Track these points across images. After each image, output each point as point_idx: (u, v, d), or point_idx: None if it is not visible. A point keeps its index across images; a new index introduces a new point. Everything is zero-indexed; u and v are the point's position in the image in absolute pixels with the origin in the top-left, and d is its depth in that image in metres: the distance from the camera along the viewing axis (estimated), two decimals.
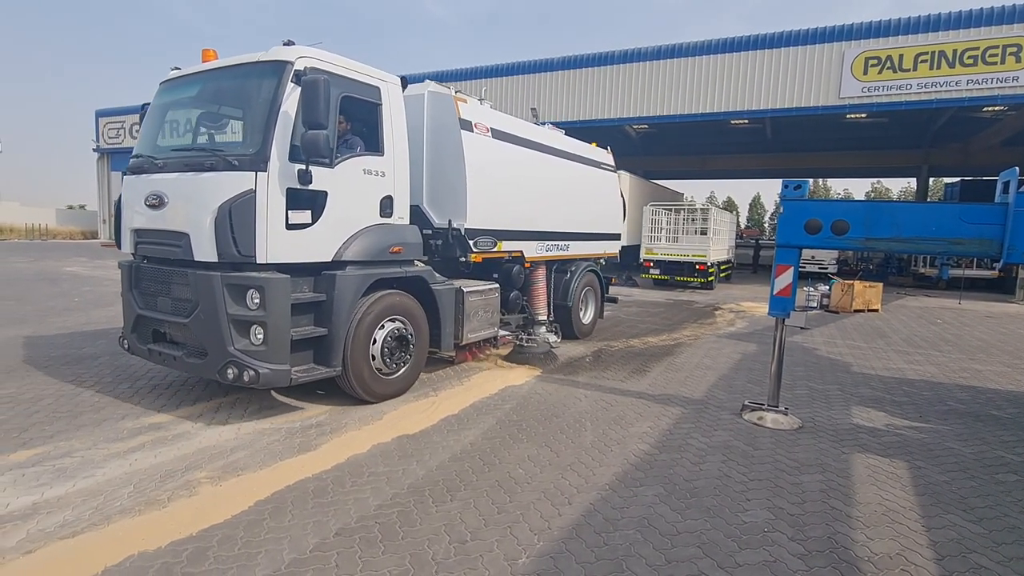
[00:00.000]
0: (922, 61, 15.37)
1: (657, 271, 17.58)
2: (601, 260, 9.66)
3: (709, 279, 17.18)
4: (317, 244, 4.65)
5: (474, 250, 6.25)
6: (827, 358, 8.06)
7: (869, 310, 13.48)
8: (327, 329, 4.68)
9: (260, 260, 4.25)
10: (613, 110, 19.99)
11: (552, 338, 7.71)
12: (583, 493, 3.57)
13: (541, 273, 7.79)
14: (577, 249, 8.55)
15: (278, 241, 4.33)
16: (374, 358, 5.05)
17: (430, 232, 6.11)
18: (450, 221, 6.07)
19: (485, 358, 6.98)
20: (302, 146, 4.29)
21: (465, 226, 6.07)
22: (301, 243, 4.51)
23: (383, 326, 5.12)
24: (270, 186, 4.24)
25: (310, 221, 4.53)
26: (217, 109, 5.15)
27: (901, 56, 15.60)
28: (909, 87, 15.63)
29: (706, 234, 17.88)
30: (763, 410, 5.16)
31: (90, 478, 3.54)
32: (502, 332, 7.00)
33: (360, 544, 2.91)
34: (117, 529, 2.97)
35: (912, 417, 5.43)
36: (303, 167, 4.36)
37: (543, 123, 8.73)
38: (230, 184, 4.20)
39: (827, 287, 14.41)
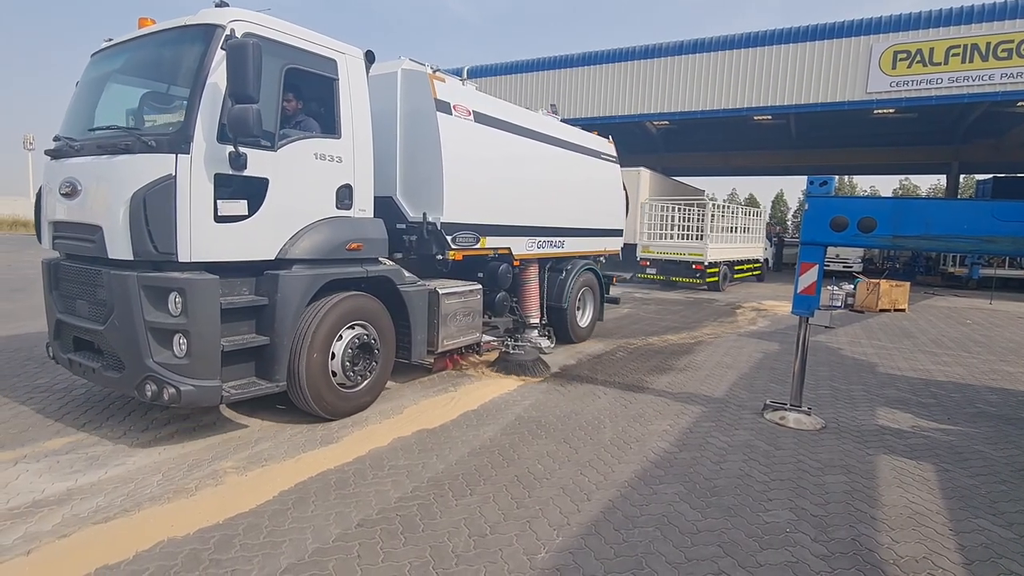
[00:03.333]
0: (953, 54, 14.95)
1: (654, 271, 16.66)
2: (601, 258, 9.06)
3: (708, 280, 15.97)
4: (256, 240, 4.06)
5: (453, 247, 5.67)
6: (851, 358, 7.92)
7: (895, 310, 13.20)
8: (269, 337, 4.09)
9: (183, 258, 3.67)
10: (633, 106, 19.83)
11: (544, 343, 7.07)
12: (602, 490, 3.57)
13: (532, 272, 7.14)
14: (573, 246, 7.89)
15: (205, 236, 3.74)
16: (334, 371, 4.49)
17: (404, 227, 5.59)
18: (425, 214, 5.50)
19: (468, 366, 6.41)
20: (228, 123, 3.69)
21: (441, 220, 5.50)
22: (235, 238, 3.92)
23: (344, 333, 4.56)
24: (193, 171, 3.66)
25: (246, 213, 3.95)
26: (143, 82, 4.52)
27: (932, 49, 15.19)
28: (939, 81, 15.22)
29: (728, 231, 17.44)
30: (785, 410, 5.09)
31: (121, 466, 3.65)
32: (486, 337, 6.41)
33: (382, 535, 2.95)
34: (147, 515, 3.06)
35: (940, 419, 5.31)
36: (240, 150, 3.79)
37: (551, 113, 8.37)
38: (146, 168, 3.61)
39: (852, 286, 14.15)
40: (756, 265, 20.24)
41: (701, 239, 16.31)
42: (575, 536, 3.02)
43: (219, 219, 3.81)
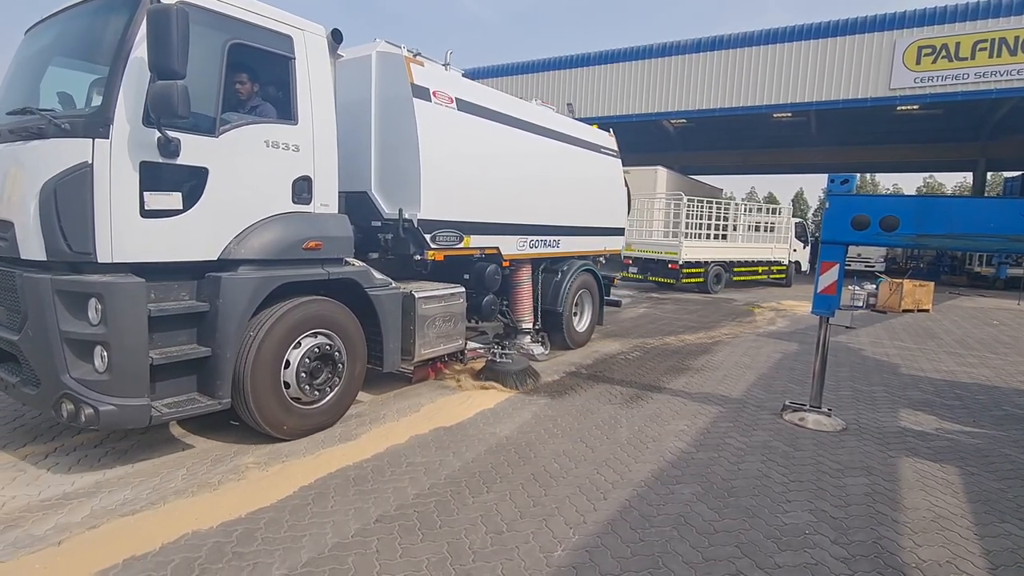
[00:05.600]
0: (981, 49, 14.61)
1: (635, 269, 15.86)
2: (600, 259, 8.51)
3: (685, 280, 15.12)
4: (193, 237, 3.58)
5: (432, 246, 5.25)
6: (873, 359, 7.80)
7: (919, 310, 12.96)
8: (211, 348, 3.61)
9: (103, 259, 3.21)
10: (651, 105, 19.71)
11: (537, 349, 6.76)
12: (618, 489, 3.57)
13: (525, 274, 6.76)
14: (570, 246, 7.40)
15: (129, 233, 3.28)
16: (287, 385, 4.03)
17: (379, 224, 5.21)
18: (401, 211, 5.07)
19: (451, 375, 5.89)
20: (150, 102, 3.20)
21: (419, 217, 5.07)
22: (167, 236, 3.46)
23: (300, 343, 4.10)
24: (114, 158, 3.19)
25: (180, 207, 3.49)
26: (71, 60, 4.03)
27: (958, 44, 14.86)
28: (966, 77, 14.89)
29: (722, 229, 16.34)
30: (805, 411, 5.03)
31: (147, 460, 3.73)
32: (472, 344, 6.02)
33: (399, 531, 2.99)
34: (172, 508, 3.13)
35: (965, 421, 5.21)
36: (169, 135, 3.32)
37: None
38: (59, 155, 3.17)
39: (874, 286, 13.92)
40: (778, 268, 18.30)
41: (676, 236, 15.24)
42: (592, 535, 3.02)
43: (146, 214, 3.34)
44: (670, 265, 15.06)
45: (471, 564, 2.73)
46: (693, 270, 15.37)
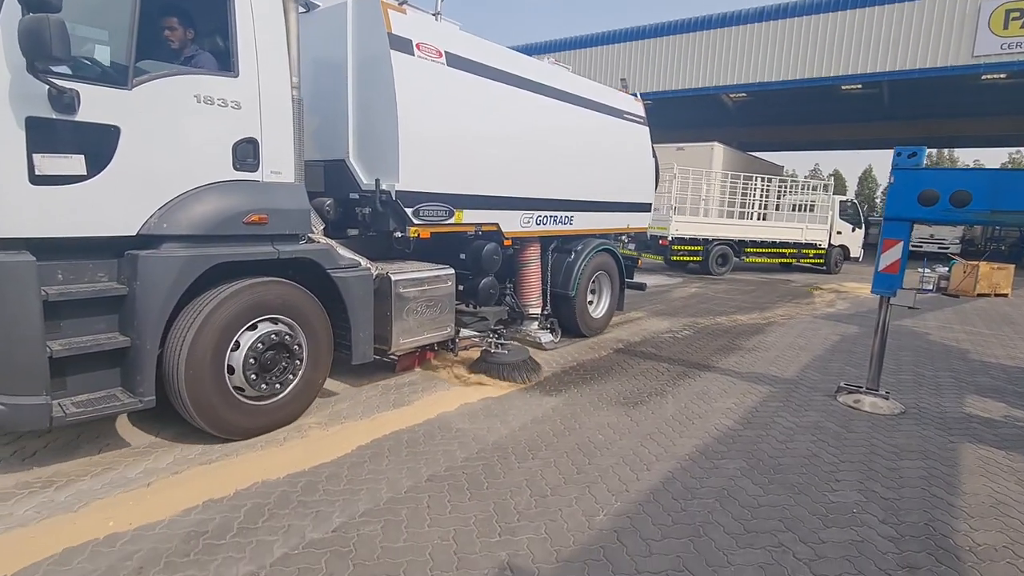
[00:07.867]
0: None
1: (632, 246, 14.99)
2: (623, 237, 7.84)
3: (675, 258, 14.01)
4: (103, 209, 3.07)
5: (415, 222, 4.66)
6: (940, 343, 7.43)
7: (996, 295, 12.16)
8: (130, 338, 3.15)
9: None
10: (709, 78, 19.04)
11: (546, 337, 6.23)
12: (662, 461, 3.62)
13: (532, 254, 6.16)
14: (585, 222, 6.66)
15: (16, 203, 2.80)
16: (232, 371, 3.52)
17: (357, 197, 4.66)
18: (378, 181, 4.50)
19: (442, 366, 5.37)
20: (19, 41, 2.62)
21: (397, 188, 4.47)
22: (70, 207, 2.95)
23: (252, 330, 3.59)
24: None
25: (84, 172, 2.98)
26: None
27: None
28: None
29: (732, 205, 14.91)
30: (860, 393, 4.90)
31: None
32: (466, 332, 5.44)
33: (449, 490, 3.16)
34: (244, 460, 3.42)
35: None
36: (59, 85, 2.79)
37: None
38: None
39: (946, 268, 13.12)
40: (814, 252, 16.04)
41: (665, 209, 13.75)
42: (633, 502, 3.10)
43: (38, 180, 2.84)
44: (660, 241, 13.86)
45: (516, 523, 2.86)
46: (689, 247, 14.12)
